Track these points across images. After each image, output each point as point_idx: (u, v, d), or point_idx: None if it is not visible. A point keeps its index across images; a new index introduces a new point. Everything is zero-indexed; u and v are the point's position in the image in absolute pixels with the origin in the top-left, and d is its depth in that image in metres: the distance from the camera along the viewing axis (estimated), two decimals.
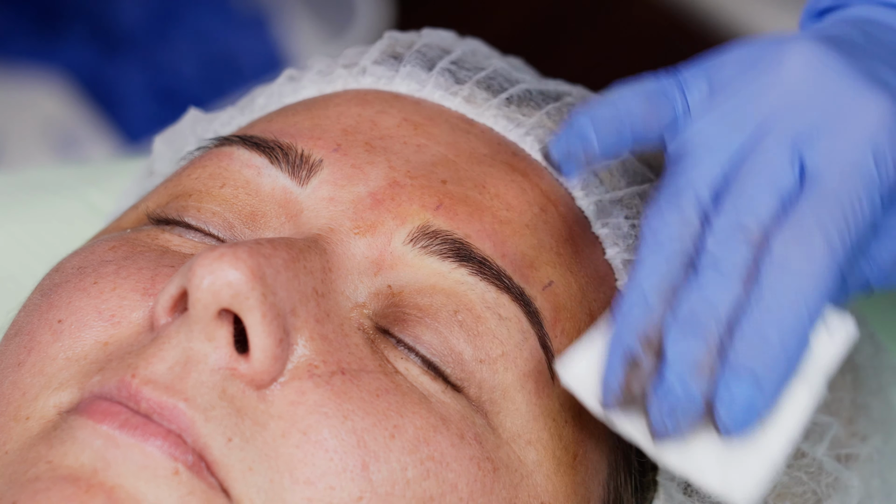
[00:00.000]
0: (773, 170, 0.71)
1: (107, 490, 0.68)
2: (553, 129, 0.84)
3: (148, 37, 1.94)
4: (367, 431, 0.71)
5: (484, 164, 0.80)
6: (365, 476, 0.70)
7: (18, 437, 0.72)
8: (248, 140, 0.81)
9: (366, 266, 0.76)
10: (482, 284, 0.76)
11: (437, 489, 0.71)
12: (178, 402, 0.69)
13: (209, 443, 0.69)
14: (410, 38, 0.90)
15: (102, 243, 0.80)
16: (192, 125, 0.93)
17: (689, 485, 0.80)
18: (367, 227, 0.77)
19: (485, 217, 0.78)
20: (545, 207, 0.80)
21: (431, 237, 0.76)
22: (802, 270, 0.69)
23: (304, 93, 0.88)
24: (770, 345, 0.68)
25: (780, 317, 0.69)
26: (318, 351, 0.72)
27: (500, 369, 0.75)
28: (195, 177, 0.81)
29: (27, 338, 0.76)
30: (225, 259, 0.69)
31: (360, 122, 0.82)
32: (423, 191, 0.78)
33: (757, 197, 0.71)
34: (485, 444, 0.74)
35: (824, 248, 0.69)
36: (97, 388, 0.71)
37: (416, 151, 0.80)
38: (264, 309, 0.70)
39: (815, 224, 0.70)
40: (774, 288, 0.69)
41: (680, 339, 0.69)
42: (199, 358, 0.70)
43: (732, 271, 0.70)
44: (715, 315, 0.69)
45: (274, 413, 0.70)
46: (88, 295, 0.75)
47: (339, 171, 0.78)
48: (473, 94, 0.85)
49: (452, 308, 0.75)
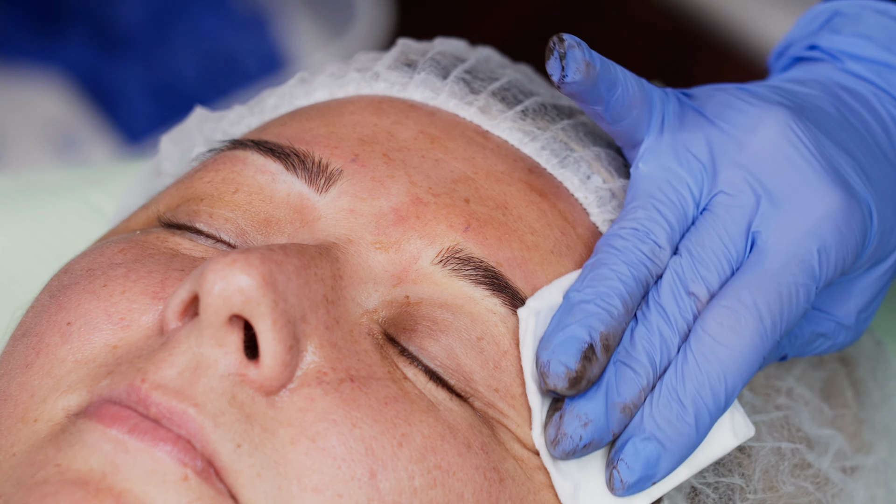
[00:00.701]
0: (731, 236, 0.76)
1: (115, 494, 0.68)
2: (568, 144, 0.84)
3: (148, 37, 1.94)
4: (375, 439, 0.71)
5: (503, 183, 0.81)
6: (373, 484, 0.70)
7: (27, 440, 0.72)
8: (262, 145, 0.80)
9: (384, 278, 0.76)
10: (514, 318, 0.76)
11: (443, 498, 0.71)
12: (187, 407, 0.69)
13: (218, 448, 0.69)
14: (423, 47, 0.89)
15: (112, 245, 0.79)
16: (199, 124, 0.93)
17: (693, 493, 0.80)
18: (391, 244, 0.77)
19: (513, 243, 0.78)
20: (565, 230, 0.80)
21: (464, 262, 0.77)
22: (730, 346, 0.74)
23: (317, 95, 0.88)
24: (684, 419, 0.73)
25: (700, 388, 0.73)
26: (328, 358, 0.72)
27: (518, 406, 0.75)
28: (207, 180, 0.81)
29: (35, 339, 0.75)
30: (237, 265, 0.69)
31: (376, 132, 0.82)
32: (448, 210, 0.78)
33: (710, 260, 0.76)
34: (491, 455, 0.74)
35: (754, 329, 0.74)
36: (106, 391, 0.70)
37: (434, 166, 0.80)
38: (275, 315, 0.70)
39: (752, 303, 0.74)
40: (701, 357, 0.73)
41: (626, 371, 0.73)
42: (209, 363, 0.70)
43: (673, 325, 0.75)
44: (654, 359, 0.74)
45: (283, 420, 0.70)
46: (98, 298, 0.75)
47: (360, 183, 0.78)
48: (489, 104, 0.85)
49: (476, 334, 0.75)
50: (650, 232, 0.76)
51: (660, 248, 0.76)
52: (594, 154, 0.84)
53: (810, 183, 0.77)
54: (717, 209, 0.77)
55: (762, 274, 0.75)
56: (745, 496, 0.80)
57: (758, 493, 0.80)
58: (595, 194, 0.82)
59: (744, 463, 0.80)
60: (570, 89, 0.76)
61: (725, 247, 0.76)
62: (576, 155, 0.83)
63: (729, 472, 0.80)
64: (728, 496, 0.79)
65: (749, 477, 0.80)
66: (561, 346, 0.72)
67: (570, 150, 0.83)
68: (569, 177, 0.82)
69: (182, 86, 1.92)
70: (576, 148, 0.84)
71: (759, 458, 0.81)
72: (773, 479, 0.81)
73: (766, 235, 0.76)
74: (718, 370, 0.73)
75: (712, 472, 0.79)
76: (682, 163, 0.78)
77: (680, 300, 0.75)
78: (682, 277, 0.75)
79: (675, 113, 0.79)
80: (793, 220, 0.76)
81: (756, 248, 0.76)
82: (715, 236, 0.76)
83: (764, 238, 0.76)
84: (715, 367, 0.73)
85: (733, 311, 0.74)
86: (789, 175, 0.77)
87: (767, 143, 0.77)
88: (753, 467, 0.80)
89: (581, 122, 0.86)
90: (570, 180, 0.82)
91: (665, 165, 0.78)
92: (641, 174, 0.78)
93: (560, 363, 0.72)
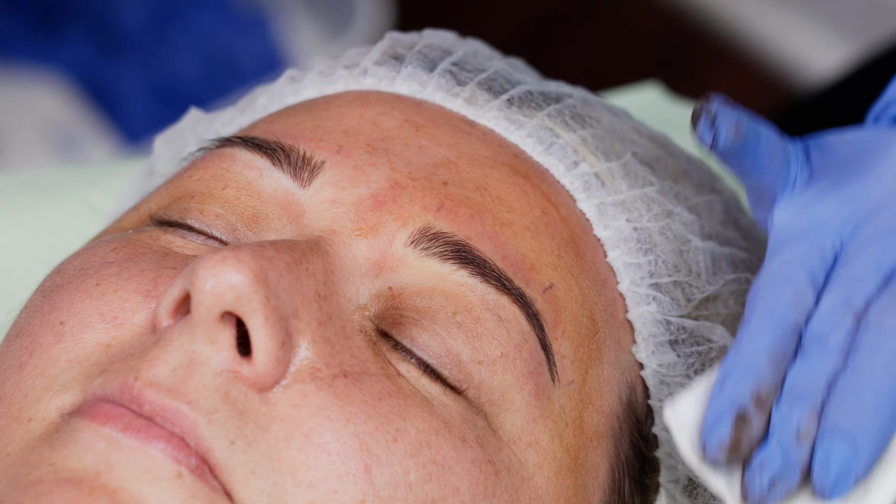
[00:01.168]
0: (882, 252, 0.72)
1: (109, 492, 0.68)
2: (553, 130, 0.84)
3: (148, 37, 1.94)
4: (369, 435, 0.71)
5: (485, 166, 0.80)
6: (367, 479, 0.70)
7: (20, 439, 0.72)
8: (249, 141, 0.80)
9: (367, 268, 0.76)
10: (482, 286, 0.76)
11: (439, 492, 0.71)
12: (180, 404, 0.69)
13: (212, 446, 0.69)
14: (412, 39, 0.89)
15: (104, 244, 0.79)
16: (192, 125, 0.93)
17: (692, 486, 0.80)
18: (369, 229, 0.77)
19: (486, 219, 0.78)
20: (546, 210, 0.80)
21: (433, 239, 0.76)
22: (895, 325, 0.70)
23: (306, 93, 0.88)
24: (865, 407, 0.69)
25: (874, 377, 0.69)
26: (321, 354, 0.72)
27: (499, 370, 0.75)
28: (197, 178, 0.81)
29: (29, 339, 0.75)
30: (228, 262, 0.69)
31: (361, 123, 0.82)
32: (425, 192, 0.78)
33: (864, 277, 0.72)
34: (486, 447, 0.74)
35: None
36: (99, 390, 0.71)
37: (417, 153, 0.80)
38: (267, 312, 0.70)
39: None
40: (870, 351, 0.70)
41: (786, 407, 0.70)
42: (202, 361, 0.70)
43: (837, 344, 0.71)
44: (819, 386, 0.70)
45: (276, 416, 0.70)
46: (90, 297, 0.75)
47: (341, 173, 0.78)
48: (475, 95, 0.85)
49: (451, 309, 0.75)
50: (791, 278, 0.73)
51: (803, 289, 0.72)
52: (580, 138, 0.83)
53: None
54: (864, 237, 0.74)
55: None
56: None
57: None
58: (581, 180, 0.82)
59: None
60: (722, 152, 0.74)
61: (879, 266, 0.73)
62: (562, 141, 0.83)
63: None
64: None
65: None
66: (713, 421, 0.70)
67: (555, 136, 0.83)
68: (554, 164, 0.82)
69: (182, 86, 1.92)
70: (562, 134, 0.84)
71: None
72: None
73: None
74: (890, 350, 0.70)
75: None
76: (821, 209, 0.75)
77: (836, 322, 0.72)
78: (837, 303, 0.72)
79: (803, 161, 0.76)
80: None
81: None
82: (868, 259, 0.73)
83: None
84: (885, 349, 0.70)
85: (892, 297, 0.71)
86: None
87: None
88: None
89: (568, 106, 0.86)
90: (555, 167, 0.82)
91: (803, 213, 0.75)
92: (780, 225, 0.75)
93: (713, 439, 0.69)
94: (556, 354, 0.77)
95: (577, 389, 0.78)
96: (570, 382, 0.77)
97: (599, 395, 0.79)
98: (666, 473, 0.81)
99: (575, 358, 0.78)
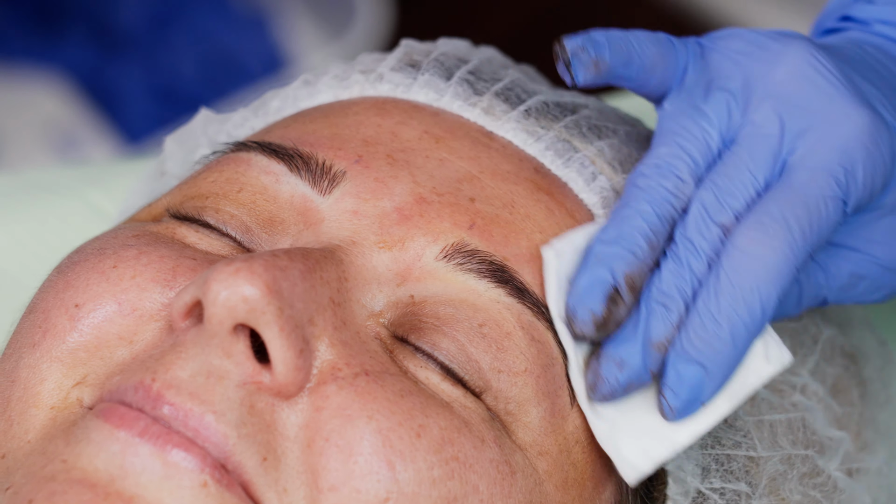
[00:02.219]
0: (757, 164, 0.76)
1: (126, 499, 0.67)
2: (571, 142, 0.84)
3: (148, 37, 1.94)
4: (392, 431, 0.70)
5: (509, 182, 0.80)
6: (392, 476, 0.70)
7: (42, 427, 0.72)
8: (266, 146, 0.80)
9: (388, 277, 0.76)
10: (519, 306, 0.76)
11: (460, 490, 0.71)
12: (205, 412, 0.68)
13: (244, 462, 0.68)
14: (427, 48, 0.89)
15: (125, 229, 0.79)
16: (203, 126, 0.92)
17: (701, 498, 0.80)
18: (394, 242, 0.76)
19: (521, 241, 0.78)
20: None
21: (469, 255, 0.76)
22: (760, 257, 0.73)
23: (321, 97, 0.87)
24: (722, 338, 0.73)
25: (733, 303, 0.73)
26: (340, 355, 0.72)
27: (520, 383, 0.75)
28: (212, 180, 0.81)
29: (42, 316, 0.75)
30: (241, 274, 0.69)
31: (380, 132, 0.81)
32: (453, 208, 0.78)
33: (734, 189, 0.75)
34: (503, 449, 0.74)
35: (784, 238, 0.73)
36: (116, 387, 0.70)
37: (438, 166, 0.80)
38: (281, 322, 0.69)
39: (779, 216, 0.73)
40: (732, 272, 0.73)
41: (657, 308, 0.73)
42: (222, 374, 0.69)
43: (704, 250, 0.74)
44: (685, 294, 0.74)
45: (301, 423, 0.70)
46: (108, 280, 0.74)
47: (363, 185, 0.78)
48: (492, 105, 0.84)
49: (478, 321, 0.75)
50: (673, 167, 0.75)
51: (683, 182, 0.75)
52: (597, 150, 0.84)
53: (835, 104, 0.76)
54: (743, 140, 0.76)
55: (788, 188, 0.74)
56: (750, 503, 0.80)
57: (763, 499, 0.80)
58: (599, 195, 0.82)
59: (751, 470, 0.80)
60: (585, 86, 0.76)
61: (752, 175, 0.75)
62: (580, 155, 0.83)
63: (736, 479, 0.80)
64: (734, 502, 0.79)
65: (756, 485, 0.80)
66: (586, 290, 0.73)
67: (573, 149, 0.83)
68: (573, 177, 0.82)
69: (182, 86, 1.92)
70: (579, 146, 0.83)
71: (768, 465, 0.81)
72: (780, 487, 0.81)
73: (794, 157, 0.75)
74: (750, 283, 0.72)
75: (719, 479, 0.79)
76: (707, 99, 0.77)
77: (707, 231, 0.74)
78: (708, 208, 0.75)
79: (696, 57, 0.78)
80: (819, 139, 0.75)
81: (784, 171, 0.76)
82: (741, 165, 0.75)
83: (792, 159, 0.75)
84: (747, 280, 0.73)
85: (760, 223, 0.73)
86: (814, 98, 0.76)
87: (791, 72, 0.77)
88: (761, 475, 0.80)
89: (584, 117, 0.86)
90: (574, 181, 0.82)
91: (689, 103, 0.77)
92: (666, 113, 0.78)
93: (586, 308, 0.72)
94: None
95: None
96: None
97: None
98: (674, 486, 0.80)
99: None
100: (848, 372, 0.88)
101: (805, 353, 0.85)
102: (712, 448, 0.79)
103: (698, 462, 0.79)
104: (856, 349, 0.89)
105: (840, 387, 0.86)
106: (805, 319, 0.86)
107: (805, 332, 0.85)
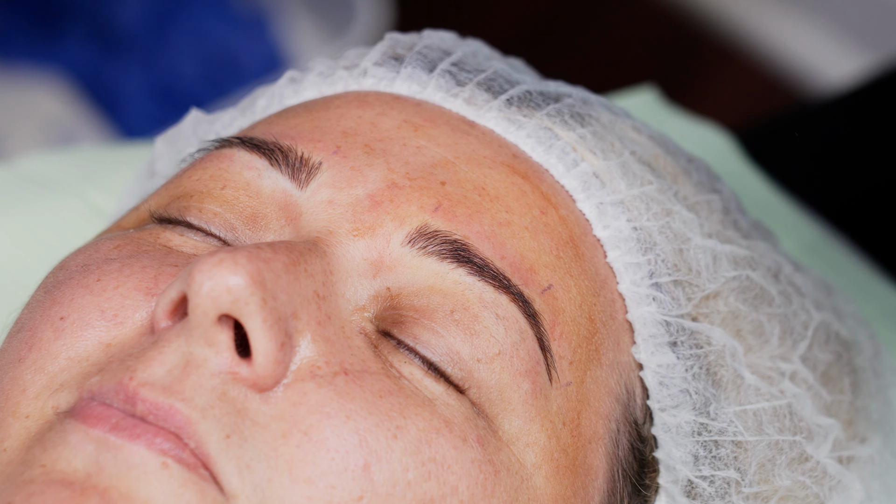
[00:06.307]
0: None
1: (100, 492, 0.68)
2: (553, 130, 0.84)
3: (148, 37, 1.94)
4: (369, 431, 0.71)
5: (484, 166, 0.80)
6: (366, 476, 0.70)
7: (17, 436, 0.72)
8: (248, 142, 0.80)
9: (365, 268, 0.76)
10: (480, 284, 0.76)
11: (437, 491, 0.72)
12: (174, 402, 0.69)
13: (205, 438, 0.69)
14: (411, 40, 0.89)
15: (106, 241, 0.80)
16: (193, 126, 0.93)
17: (691, 486, 0.80)
18: (366, 229, 0.77)
19: (484, 219, 0.78)
20: (545, 210, 0.80)
21: (430, 238, 0.76)
22: None
23: (305, 94, 0.88)
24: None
25: None
26: (321, 352, 0.72)
27: (497, 368, 0.75)
28: (196, 178, 0.81)
29: (29, 334, 0.76)
30: (224, 264, 0.69)
31: (360, 123, 0.82)
32: (422, 192, 0.78)
33: None
34: (487, 447, 0.74)
35: None
36: (95, 387, 0.71)
37: (415, 153, 0.80)
38: (264, 314, 0.70)
39: None
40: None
41: None
42: (199, 362, 0.70)
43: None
44: None
45: (275, 414, 0.70)
46: (91, 293, 0.75)
47: (339, 174, 0.78)
48: (474, 95, 0.85)
49: (449, 308, 0.75)
50: None
51: None
52: (578, 136, 0.83)
53: None
54: None
55: None
56: (740, 489, 0.80)
57: (753, 486, 0.80)
58: (580, 179, 0.82)
59: (739, 456, 0.81)
60: None
61: None
62: (561, 142, 0.83)
63: (725, 466, 0.80)
64: (724, 489, 0.80)
65: (745, 471, 0.80)
66: None
67: (555, 137, 0.83)
68: (554, 163, 0.82)
69: (182, 86, 1.92)
70: (561, 133, 0.84)
71: (756, 451, 0.81)
72: (769, 475, 0.81)
73: None
74: None
75: (708, 466, 0.79)
76: None
77: None
78: None
79: None
80: None
81: None
82: None
83: None
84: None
85: None
86: None
87: None
88: (749, 461, 0.81)
89: (567, 105, 0.86)
90: (555, 167, 0.82)
91: None
92: None
93: None
94: (555, 355, 0.77)
95: (574, 390, 0.78)
96: (568, 383, 0.77)
97: (597, 396, 0.79)
98: (665, 474, 0.81)
99: (573, 359, 0.78)
100: (840, 360, 0.88)
101: (796, 339, 0.85)
102: (699, 435, 0.80)
103: (689, 449, 0.79)
104: (850, 338, 0.90)
105: (831, 374, 0.87)
106: (795, 305, 0.86)
107: (795, 318, 0.85)
